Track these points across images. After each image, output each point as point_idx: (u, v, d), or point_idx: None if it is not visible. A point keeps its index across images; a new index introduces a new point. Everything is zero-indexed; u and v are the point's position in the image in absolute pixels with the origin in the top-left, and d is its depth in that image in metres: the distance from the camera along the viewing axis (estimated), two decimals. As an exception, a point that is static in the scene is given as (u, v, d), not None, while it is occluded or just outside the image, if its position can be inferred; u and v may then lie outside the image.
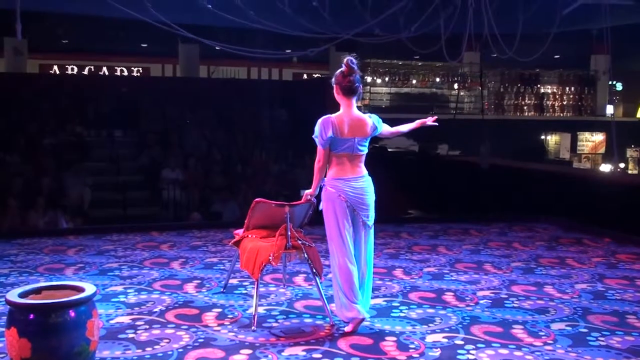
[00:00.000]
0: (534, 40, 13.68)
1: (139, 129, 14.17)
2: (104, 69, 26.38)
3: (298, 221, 5.06)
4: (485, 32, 11.02)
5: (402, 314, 5.07)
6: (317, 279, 4.91)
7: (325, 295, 4.94)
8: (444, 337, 4.55)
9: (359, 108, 4.74)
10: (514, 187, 11.15)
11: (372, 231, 4.72)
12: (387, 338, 4.52)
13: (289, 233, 4.79)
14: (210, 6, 10.86)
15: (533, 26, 13.07)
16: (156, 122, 14.31)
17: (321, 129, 4.55)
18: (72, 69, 25.92)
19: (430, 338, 4.53)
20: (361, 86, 4.65)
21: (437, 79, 23.33)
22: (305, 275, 6.13)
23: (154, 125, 14.15)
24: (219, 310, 5.12)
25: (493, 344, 4.44)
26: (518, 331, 4.71)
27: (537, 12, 12.72)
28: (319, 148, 4.60)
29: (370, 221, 4.68)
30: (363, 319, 4.66)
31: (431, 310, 5.17)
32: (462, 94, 22.04)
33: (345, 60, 4.62)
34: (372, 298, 5.43)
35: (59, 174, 11.68)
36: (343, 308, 4.61)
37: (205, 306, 5.21)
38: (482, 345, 4.41)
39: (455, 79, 22.81)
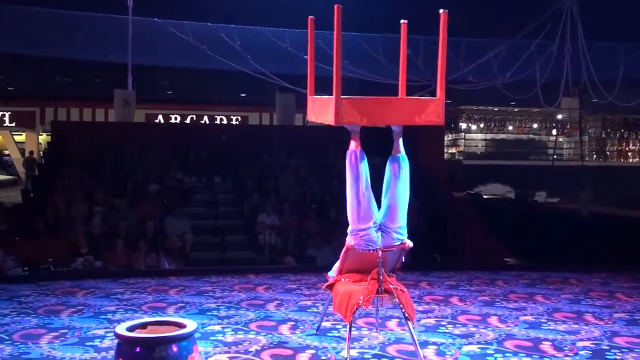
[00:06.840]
0: (637, 85, 13.28)
1: (237, 175, 14.67)
2: (205, 117, 27.58)
3: (390, 266, 5.10)
4: (583, 77, 10.84)
5: (496, 362, 4.97)
6: (409, 323, 4.90)
7: (418, 340, 4.92)
8: (540, 387, 4.43)
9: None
10: (618, 235, 10.74)
11: None
12: (481, 386, 4.45)
13: (381, 277, 4.84)
14: (306, 57, 11.25)
15: (636, 70, 12.71)
16: (253, 169, 14.78)
17: None
18: (176, 118, 27.27)
19: (526, 387, 4.42)
20: None
21: (535, 125, 22.97)
22: (397, 320, 6.12)
23: (251, 172, 14.61)
24: (312, 351, 5.20)
25: (593, 396, 4.29)
26: (620, 384, 4.52)
27: (640, 56, 12.38)
28: None
29: None
30: None
31: (527, 359, 5.05)
32: (560, 139, 21.54)
33: None
34: (466, 345, 5.40)
35: (161, 218, 12.23)
36: None
37: (299, 347, 5.31)
38: (582, 397, 4.27)
39: (553, 124, 22.36)
